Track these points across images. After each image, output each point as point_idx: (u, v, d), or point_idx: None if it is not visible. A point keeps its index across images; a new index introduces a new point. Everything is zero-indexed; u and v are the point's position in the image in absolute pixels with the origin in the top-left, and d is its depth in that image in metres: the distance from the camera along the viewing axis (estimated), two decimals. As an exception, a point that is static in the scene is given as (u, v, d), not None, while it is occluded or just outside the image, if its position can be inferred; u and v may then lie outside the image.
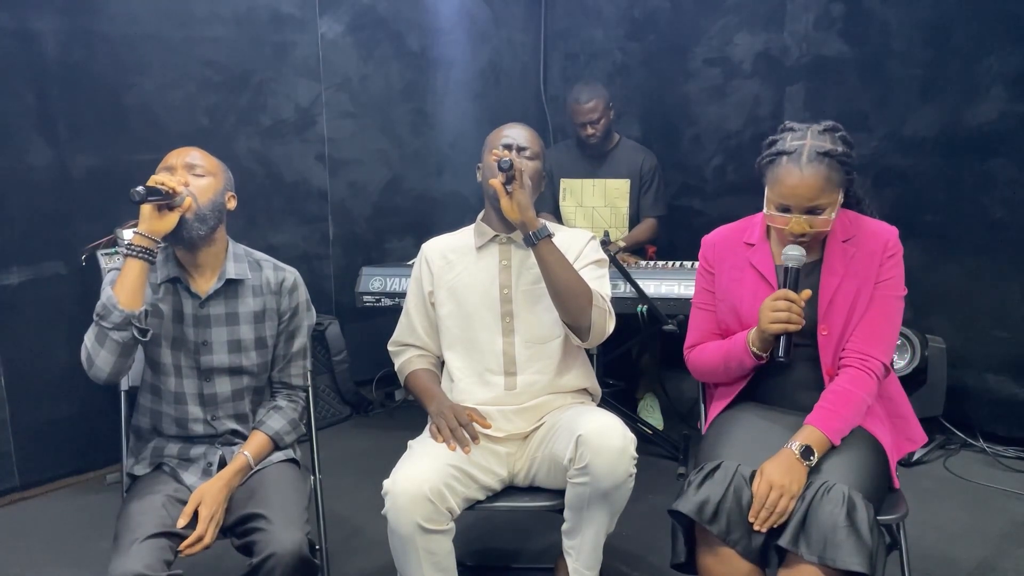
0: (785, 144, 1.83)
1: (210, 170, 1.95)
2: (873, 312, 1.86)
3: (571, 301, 1.99)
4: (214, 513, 1.82)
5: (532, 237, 1.97)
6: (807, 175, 1.77)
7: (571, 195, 3.71)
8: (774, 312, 1.79)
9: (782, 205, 1.81)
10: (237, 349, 1.99)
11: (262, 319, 2.01)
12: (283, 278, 2.04)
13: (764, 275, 1.93)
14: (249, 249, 2.07)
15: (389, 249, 4.00)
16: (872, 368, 1.83)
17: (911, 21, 3.23)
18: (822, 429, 1.76)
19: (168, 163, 1.94)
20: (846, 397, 1.80)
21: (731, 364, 1.94)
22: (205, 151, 1.99)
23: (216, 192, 1.94)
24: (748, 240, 1.98)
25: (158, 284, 1.96)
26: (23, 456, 2.98)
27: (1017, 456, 3.07)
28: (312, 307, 2.12)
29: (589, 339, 2.04)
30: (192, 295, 1.96)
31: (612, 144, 3.68)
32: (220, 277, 1.97)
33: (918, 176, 3.27)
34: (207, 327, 1.97)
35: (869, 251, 1.87)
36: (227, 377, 1.99)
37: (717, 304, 2.01)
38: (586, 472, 1.84)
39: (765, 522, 1.67)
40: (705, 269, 2.04)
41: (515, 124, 2.17)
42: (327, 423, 3.59)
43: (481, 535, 2.64)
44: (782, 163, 1.81)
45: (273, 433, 2.00)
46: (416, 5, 3.97)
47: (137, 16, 3.10)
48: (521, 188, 1.96)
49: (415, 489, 1.82)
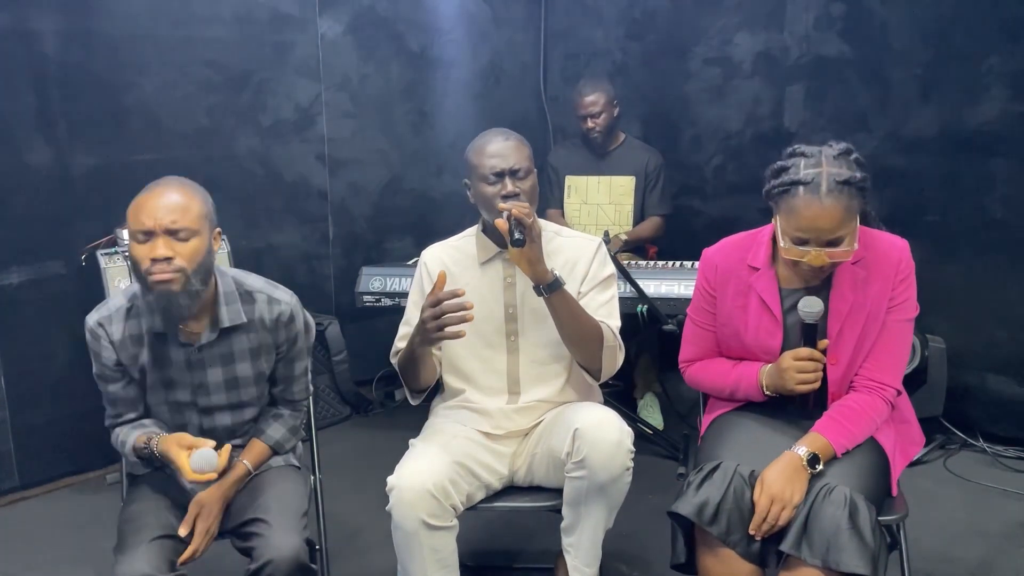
0: (799, 173, 1.70)
1: (194, 227, 1.72)
2: (885, 338, 1.81)
3: (583, 347, 1.97)
4: (210, 526, 1.82)
5: (543, 289, 1.90)
6: (828, 206, 1.66)
7: (576, 192, 3.71)
8: (801, 374, 1.75)
9: (800, 239, 1.71)
10: (235, 386, 1.92)
11: (258, 355, 1.91)
12: (278, 313, 1.89)
13: (768, 305, 1.86)
14: (240, 278, 1.91)
15: (389, 249, 4.00)
16: (886, 396, 1.81)
17: (911, 21, 3.22)
18: (829, 439, 1.74)
19: (143, 225, 1.70)
20: (857, 414, 1.78)
21: (738, 395, 1.92)
22: (182, 185, 1.77)
23: (203, 252, 1.75)
24: (752, 263, 1.89)
25: (142, 334, 1.85)
26: (23, 456, 2.98)
27: (1017, 456, 3.06)
28: (312, 327, 2.01)
29: (600, 378, 2.04)
30: (182, 345, 1.85)
31: (617, 142, 3.68)
32: (213, 325, 1.84)
33: (918, 176, 3.26)
34: (202, 369, 1.88)
35: (881, 275, 1.80)
36: (227, 412, 1.95)
37: (719, 328, 1.96)
38: (583, 466, 1.83)
39: (765, 533, 1.68)
40: (706, 290, 1.96)
41: (496, 136, 2.00)
42: (327, 423, 3.58)
43: (481, 535, 2.64)
44: (799, 194, 1.69)
45: (273, 443, 1.98)
46: (416, 5, 3.97)
47: (137, 16, 3.10)
48: (531, 243, 1.85)
49: (420, 485, 1.82)
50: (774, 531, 1.67)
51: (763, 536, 1.68)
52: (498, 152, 1.98)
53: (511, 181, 1.96)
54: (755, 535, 1.68)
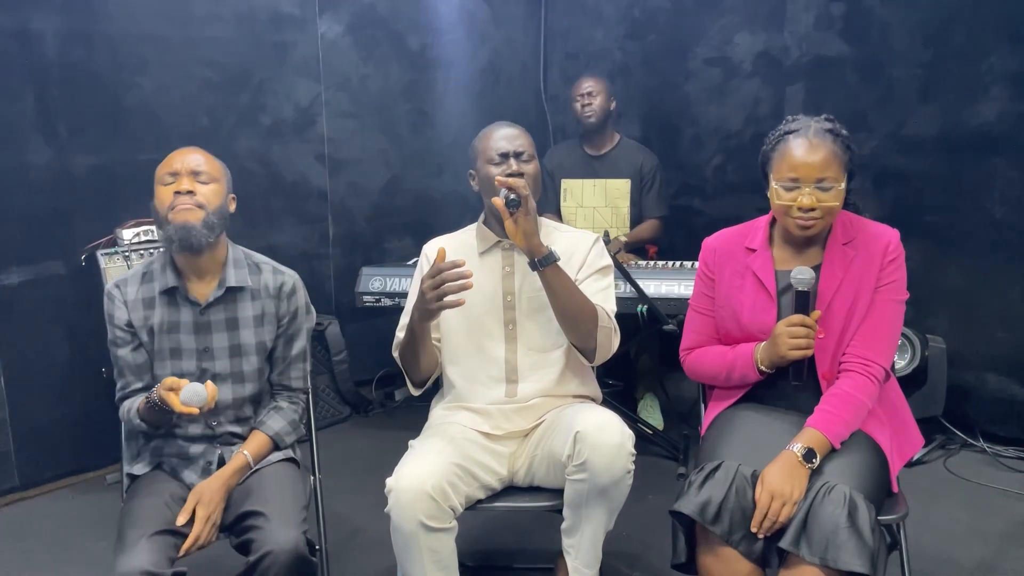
0: (789, 126, 1.87)
1: (215, 175, 1.94)
2: (874, 316, 1.85)
3: (578, 325, 1.98)
4: (211, 513, 1.82)
5: (538, 263, 1.93)
6: (815, 143, 1.80)
7: (571, 196, 3.71)
8: (793, 339, 1.79)
9: (790, 178, 1.81)
10: (238, 354, 1.98)
11: (261, 323, 2.00)
12: (282, 282, 2.02)
13: (764, 283, 1.92)
14: (248, 251, 2.06)
15: (389, 249, 4.00)
16: (873, 373, 1.82)
17: (911, 21, 3.23)
18: (823, 432, 1.75)
19: (172, 168, 1.91)
20: (847, 400, 1.80)
21: (734, 375, 1.94)
22: (206, 152, 1.97)
23: (222, 198, 1.94)
24: (750, 245, 1.97)
25: (154, 296, 1.96)
26: (23, 456, 2.98)
27: (1017, 456, 3.06)
28: (312, 310, 2.11)
29: (595, 359, 2.05)
30: (191, 303, 1.96)
31: (613, 144, 3.68)
32: (220, 284, 1.96)
33: (918, 176, 3.27)
34: (208, 333, 1.96)
35: (869, 254, 1.86)
36: (229, 384, 1.98)
37: (717, 310, 2.00)
38: (584, 468, 1.84)
39: (767, 530, 1.68)
40: (705, 274, 2.03)
41: (502, 124, 2.11)
42: (327, 423, 3.58)
43: (481, 535, 2.64)
44: (789, 139, 1.84)
45: (273, 434, 2.00)
46: (416, 5, 3.97)
47: (137, 16, 3.10)
48: (527, 215, 1.91)
49: (418, 486, 1.82)
50: (776, 528, 1.68)
51: (765, 533, 1.68)
52: (505, 136, 2.07)
53: (515, 162, 2.03)
54: (757, 532, 1.68)
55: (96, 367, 2.87)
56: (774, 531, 1.68)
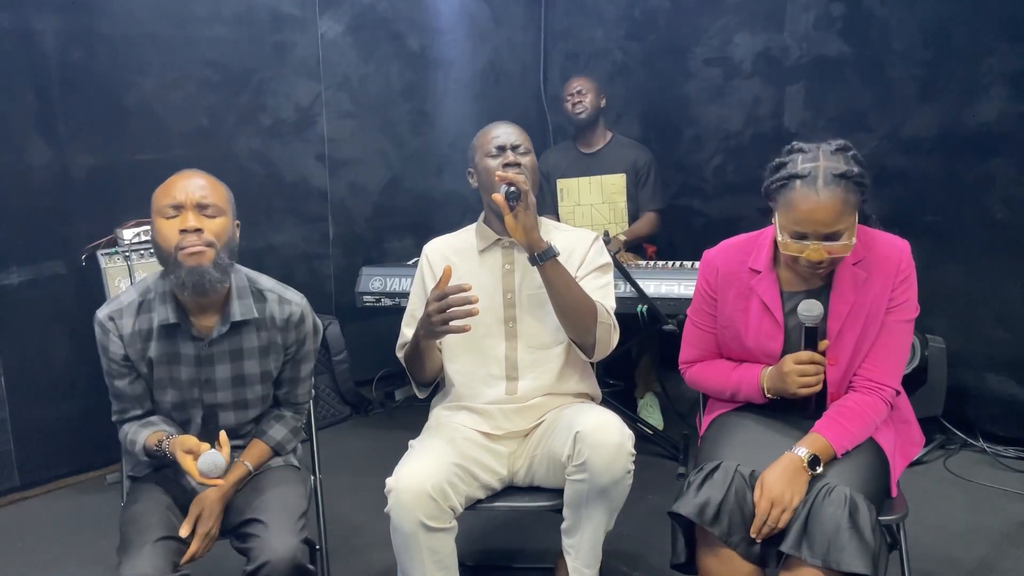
0: (796, 167, 1.72)
1: (221, 206, 1.78)
2: (884, 338, 1.81)
3: (577, 321, 1.98)
4: (210, 529, 1.82)
5: (537, 258, 1.94)
6: (824, 199, 1.67)
7: (568, 195, 3.71)
8: (803, 377, 1.76)
9: (798, 232, 1.71)
10: (242, 384, 1.93)
11: (267, 354, 1.93)
12: (289, 313, 1.91)
13: (770, 308, 1.86)
14: (252, 276, 1.93)
15: (389, 249, 4.00)
16: (884, 397, 1.81)
17: (911, 21, 3.22)
18: (830, 439, 1.74)
19: (174, 199, 1.74)
20: (857, 414, 1.78)
21: (739, 397, 1.93)
22: (206, 174, 1.82)
23: (228, 232, 1.79)
24: (754, 266, 1.89)
25: (152, 328, 1.85)
26: (23, 456, 2.98)
27: (1017, 456, 3.06)
28: (320, 327, 2.03)
29: (594, 355, 2.05)
30: (193, 338, 1.86)
31: (605, 141, 3.69)
32: (225, 319, 1.85)
33: (918, 176, 3.26)
34: (210, 365, 1.89)
35: (881, 274, 1.80)
36: (231, 411, 1.95)
37: (720, 330, 1.96)
38: (584, 469, 1.84)
39: (765, 536, 1.68)
40: (707, 292, 1.97)
41: (499, 123, 2.13)
42: (327, 423, 3.59)
43: (481, 535, 2.64)
44: (795, 187, 1.70)
45: (274, 444, 1.98)
46: (416, 5, 3.97)
47: (137, 16, 3.10)
48: (526, 210, 1.92)
49: (418, 487, 1.82)
50: (774, 533, 1.68)
51: (763, 539, 1.68)
52: (502, 131, 2.10)
53: (512, 154, 2.06)
54: (755, 538, 1.68)
55: (96, 367, 2.86)
56: (773, 534, 1.68)
